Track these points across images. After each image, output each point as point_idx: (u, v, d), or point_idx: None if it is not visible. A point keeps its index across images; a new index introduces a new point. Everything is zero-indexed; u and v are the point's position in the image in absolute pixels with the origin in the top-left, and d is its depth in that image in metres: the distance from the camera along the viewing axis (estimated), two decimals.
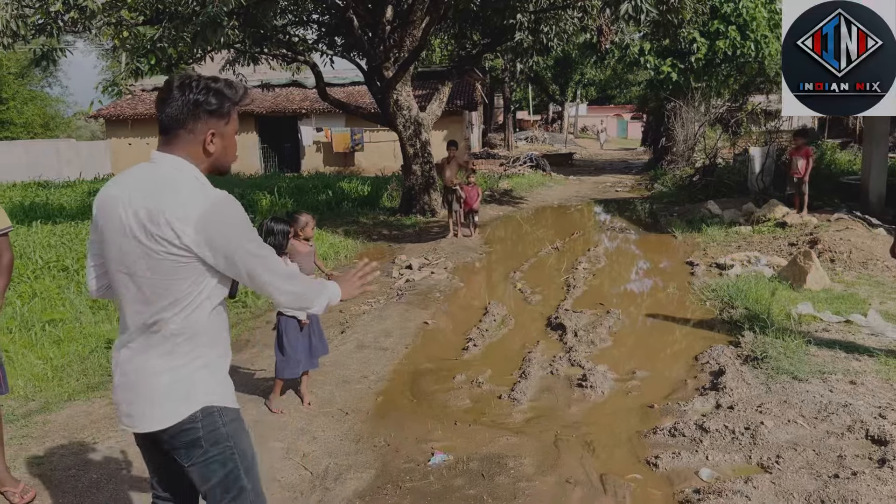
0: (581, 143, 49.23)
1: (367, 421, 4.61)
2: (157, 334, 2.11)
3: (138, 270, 2.08)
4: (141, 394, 2.14)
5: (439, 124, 25.91)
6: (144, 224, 2.04)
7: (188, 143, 2.15)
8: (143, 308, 2.11)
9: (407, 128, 13.99)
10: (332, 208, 15.45)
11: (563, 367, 5.46)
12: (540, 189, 19.52)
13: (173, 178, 2.09)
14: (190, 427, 2.13)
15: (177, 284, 2.08)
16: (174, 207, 2.02)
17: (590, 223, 13.63)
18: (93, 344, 6.39)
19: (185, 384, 2.14)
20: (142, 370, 2.14)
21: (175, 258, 2.05)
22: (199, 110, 2.13)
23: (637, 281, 8.82)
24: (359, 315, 7.24)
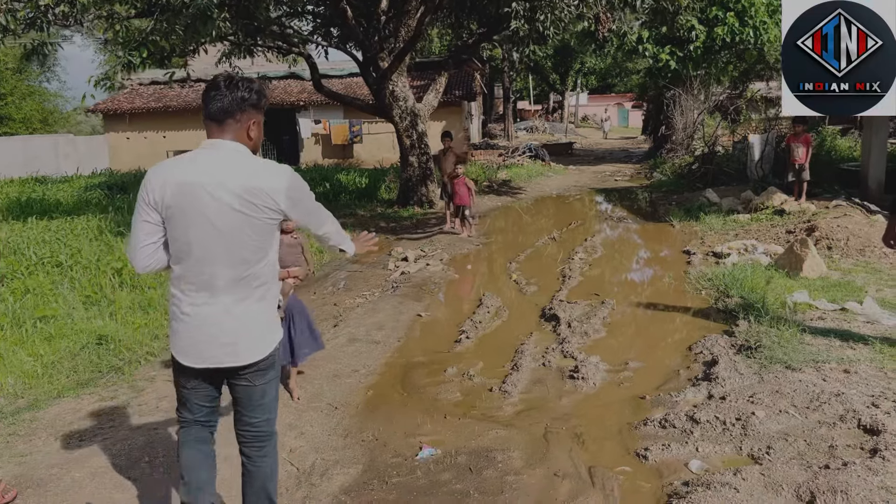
0: (582, 132, 49.09)
1: (356, 415, 4.57)
2: (248, 285, 2.66)
3: (240, 237, 2.61)
4: (243, 334, 2.67)
5: (438, 115, 25.82)
6: (246, 198, 2.57)
7: (236, 130, 2.70)
8: (241, 266, 2.63)
9: (403, 119, 13.92)
10: (330, 201, 15.38)
11: (555, 358, 5.42)
12: (539, 179, 19.44)
13: (246, 158, 2.67)
14: (272, 353, 2.77)
15: (268, 241, 2.69)
16: (268, 181, 2.61)
17: (588, 213, 13.56)
18: (84, 340, 6.35)
19: (272, 321, 2.78)
20: (244, 315, 2.67)
21: (271, 220, 2.65)
22: (245, 104, 2.71)
23: (633, 271, 8.77)
24: (353, 308, 7.20)
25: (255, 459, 2.90)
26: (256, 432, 2.88)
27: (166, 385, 5.31)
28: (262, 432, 2.89)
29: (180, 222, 2.61)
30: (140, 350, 6.22)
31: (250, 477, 2.91)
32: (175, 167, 2.66)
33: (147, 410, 4.75)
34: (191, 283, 2.66)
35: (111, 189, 16.21)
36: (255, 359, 2.72)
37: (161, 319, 7.01)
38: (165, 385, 5.31)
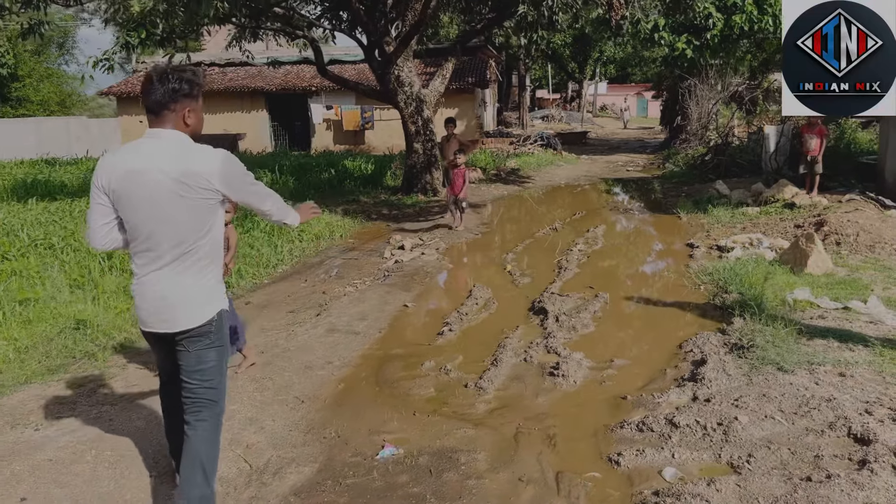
0: (599, 121, 48.55)
1: (322, 410, 4.38)
2: (190, 259, 2.90)
3: (180, 217, 2.84)
4: (179, 304, 2.91)
5: (450, 102, 25.57)
6: (183, 181, 2.79)
7: (173, 119, 2.89)
8: (181, 243, 2.87)
9: (408, 105, 13.68)
10: (335, 187, 15.22)
11: (538, 354, 5.20)
12: (549, 168, 19.14)
13: (183, 145, 2.87)
14: (208, 324, 2.95)
15: (208, 220, 2.90)
16: (202, 165, 2.82)
17: (594, 203, 13.27)
18: (62, 324, 6.22)
19: (211, 294, 2.98)
20: (181, 287, 2.91)
21: (209, 200, 2.86)
22: (178, 95, 2.87)
23: (632, 263, 8.50)
24: (339, 297, 7.01)
25: (192, 423, 3.03)
26: (194, 397, 3.02)
27: (137, 372, 5.17)
28: (200, 398, 3.02)
29: (127, 206, 2.87)
30: (118, 336, 6.07)
31: (187, 443, 3.03)
32: (121, 155, 2.92)
33: (110, 399, 4.60)
34: (142, 258, 2.94)
35: None
36: (188, 326, 2.94)
37: None
38: (137, 373, 5.17)
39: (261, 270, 8.44)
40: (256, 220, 10.34)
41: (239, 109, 26.68)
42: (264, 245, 9.27)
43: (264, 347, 5.50)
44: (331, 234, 10.77)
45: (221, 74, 27.53)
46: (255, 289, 7.81)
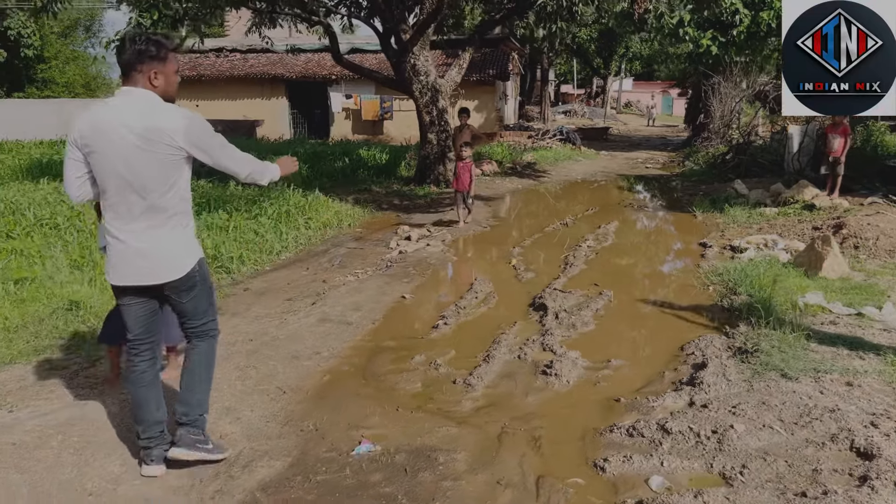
0: (623, 118, 48.05)
1: (303, 401, 4.24)
2: (160, 214, 3.07)
3: (144, 170, 3.02)
4: (159, 257, 3.11)
5: (470, 93, 25.35)
6: (147, 136, 2.99)
7: (141, 79, 3.07)
8: (148, 197, 3.04)
9: (423, 94, 13.51)
10: (348, 175, 15.10)
11: (532, 351, 5.02)
12: (566, 163, 18.88)
13: (150, 103, 3.06)
14: (191, 273, 3.20)
15: (172, 175, 3.08)
16: (167, 122, 3.02)
17: (608, 199, 13.02)
18: (55, 304, 6.15)
19: (186, 245, 3.21)
20: (157, 241, 3.11)
21: (173, 156, 3.04)
22: (144, 56, 3.06)
23: (641, 262, 8.27)
24: (337, 287, 6.88)
25: (195, 343, 3.42)
26: (195, 331, 3.40)
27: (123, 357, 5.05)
28: (200, 331, 3.40)
29: (96, 159, 3.06)
30: None
31: (188, 358, 3.43)
32: (93, 112, 3.10)
33: (89, 383, 4.49)
34: (114, 211, 3.10)
35: None
36: (172, 278, 3.17)
37: None
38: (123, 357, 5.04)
39: (263, 257, 8.33)
40: (264, 207, 10.25)
41: (259, 96, 26.65)
42: (269, 231, 9.15)
43: (254, 335, 5.38)
44: (339, 223, 10.64)
45: (243, 60, 27.50)
46: (256, 275, 7.70)
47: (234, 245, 8.30)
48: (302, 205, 10.79)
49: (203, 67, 27.15)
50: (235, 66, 27.07)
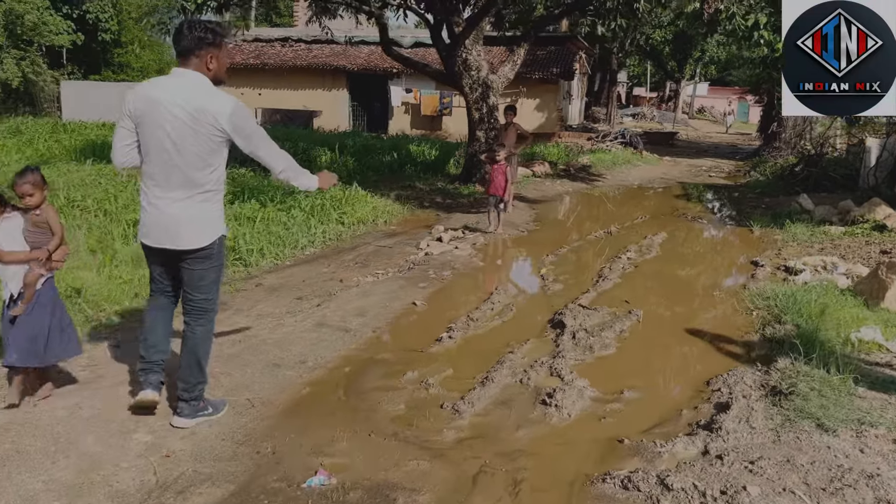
0: (695, 123, 46.45)
1: (270, 418, 3.87)
2: (194, 188, 3.40)
3: (187, 147, 3.34)
4: (185, 226, 3.44)
5: (532, 92, 24.76)
6: (196, 116, 3.30)
7: (197, 64, 3.40)
8: (191, 173, 3.37)
9: (474, 90, 13.04)
10: (395, 171, 14.76)
11: (538, 375, 4.53)
12: (623, 167, 18.12)
13: (202, 85, 3.38)
14: (209, 246, 3.50)
15: (213, 155, 3.40)
16: (214, 105, 3.33)
17: (661, 208, 12.30)
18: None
19: (213, 221, 3.51)
20: (187, 212, 3.43)
21: (216, 137, 3.35)
22: (203, 43, 3.39)
23: (681, 279, 7.63)
24: (349, 288, 6.51)
25: (192, 326, 3.64)
26: (195, 306, 3.62)
27: (104, 354, 4.76)
28: (199, 307, 3.62)
29: (145, 130, 3.38)
30: (108, 308, 5.76)
31: (185, 340, 3.66)
32: (148, 87, 3.46)
33: (55, 380, 4.21)
34: (153, 179, 3.44)
35: None
36: (193, 246, 3.48)
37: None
38: (103, 354, 4.76)
39: (286, 251, 8.03)
40: (298, 199, 9.99)
41: (320, 87, 26.63)
42: (298, 225, 8.86)
43: (243, 337, 5.05)
44: (374, 219, 10.30)
45: (307, 51, 27.53)
46: (274, 270, 7.41)
47: (257, 237, 8.03)
48: (339, 199, 10.47)
49: (267, 56, 27.30)
50: (299, 56, 27.12)
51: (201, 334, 3.64)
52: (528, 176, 14.80)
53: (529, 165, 15.51)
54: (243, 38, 29.10)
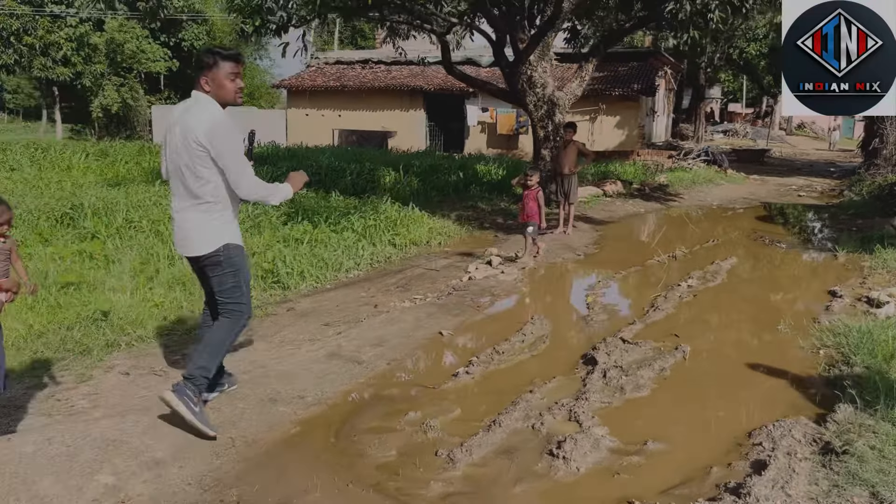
0: (792, 140, 44.17)
1: (248, 460, 3.58)
2: (195, 199, 3.72)
3: (181, 161, 3.69)
4: (189, 234, 3.81)
5: (612, 109, 24.11)
6: (184, 131, 3.65)
7: (198, 86, 3.75)
8: (189, 185, 3.71)
9: (538, 107, 12.64)
10: (460, 191, 14.47)
11: (554, 420, 4.08)
12: (704, 186, 17.19)
13: (196, 105, 3.71)
14: (215, 254, 3.77)
15: (202, 168, 3.66)
16: (195, 121, 3.64)
17: (737, 230, 11.48)
18: (85, 314, 5.92)
19: (215, 230, 3.77)
20: (189, 221, 3.79)
21: (198, 151, 3.62)
22: (199, 65, 3.80)
23: (745, 309, 6.95)
24: (378, 314, 6.21)
25: (218, 318, 3.95)
26: (222, 308, 3.91)
27: (111, 381, 4.62)
28: (224, 308, 3.91)
29: (164, 146, 3.88)
30: (133, 332, 5.66)
31: (206, 331, 4.07)
32: (172, 108, 4.02)
33: (50, 410, 4.08)
34: (171, 191, 3.87)
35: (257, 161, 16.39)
36: (197, 253, 3.83)
37: (189, 296, 6.47)
38: (110, 381, 4.62)
39: (327, 274, 7.83)
40: (352, 220, 9.84)
41: (398, 107, 26.78)
42: (342, 247, 8.67)
43: (247, 367, 4.80)
44: (428, 241, 10.02)
45: (386, 72, 27.79)
46: (312, 293, 7.21)
47: (299, 259, 7.88)
48: (394, 219, 10.26)
49: (347, 78, 27.70)
50: (378, 78, 27.40)
51: (221, 326, 3.91)
52: (597, 195, 14.21)
53: (600, 185, 14.91)
54: (325, 60, 29.73)
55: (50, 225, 9.15)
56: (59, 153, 17.76)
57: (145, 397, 4.31)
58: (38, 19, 30.04)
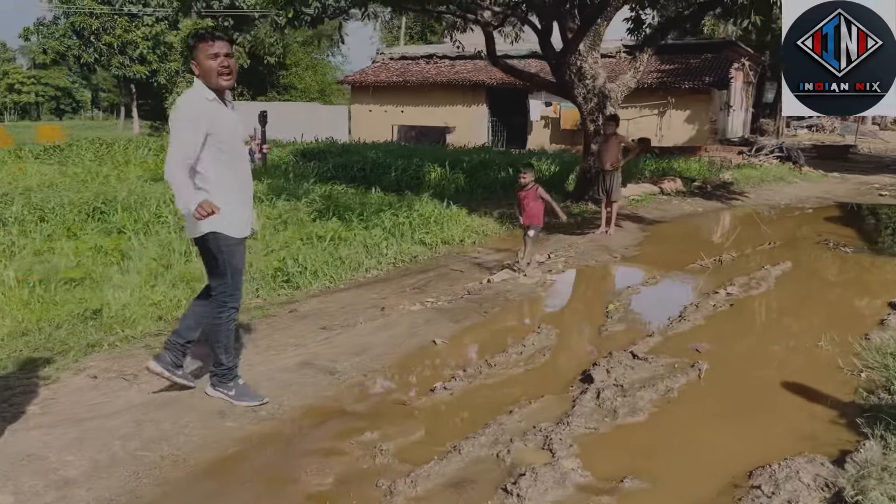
0: (886, 135, 41.42)
1: (167, 483, 3.25)
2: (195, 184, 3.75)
3: None
4: (188, 217, 3.79)
5: (681, 103, 23.06)
6: None
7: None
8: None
9: (588, 100, 11.99)
10: (507, 187, 13.93)
11: (525, 447, 3.60)
12: (774, 185, 16.08)
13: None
14: (203, 238, 3.87)
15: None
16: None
17: (801, 232, 10.57)
18: (76, 312, 5.78)
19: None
20: None
21: None
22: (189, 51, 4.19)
23: (785, 322, 6.24)
24: (375, 318, 5.84)
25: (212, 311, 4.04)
26: (211, 293, 4.02)
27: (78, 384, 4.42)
28: (213, 293, 4.00)
29: None
30: (121, 332, 5.46)
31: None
32: None
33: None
34: None
35: (304, 156, 16.35)
36: (190, 236, 4.04)
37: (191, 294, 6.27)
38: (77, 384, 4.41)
39: (342, 273, 7.51)
40: (383, 218, 9.52)
41: (460, 102, 26.40)
42: (371, 245, 8.35)
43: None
44: (462, 240, 9.60)
45: (450, 67, 27.45)
46: (322, 294, 6.90)
47: (314, 257, 7.59)
48: (427, 217, 9.88)
49: (411, 73, 27.50)
50: (441, 73, 27.08)
51: (213, 321, 3.99)
52: (654, 193, 13.45)
53: (658, 182, 14.12)
54: (390, 56, 29.62)
55: (81, 219, 9.17)
56: (122, 149, 18.17)
57: (97, 405, 4.06)
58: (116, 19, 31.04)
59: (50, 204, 9.37)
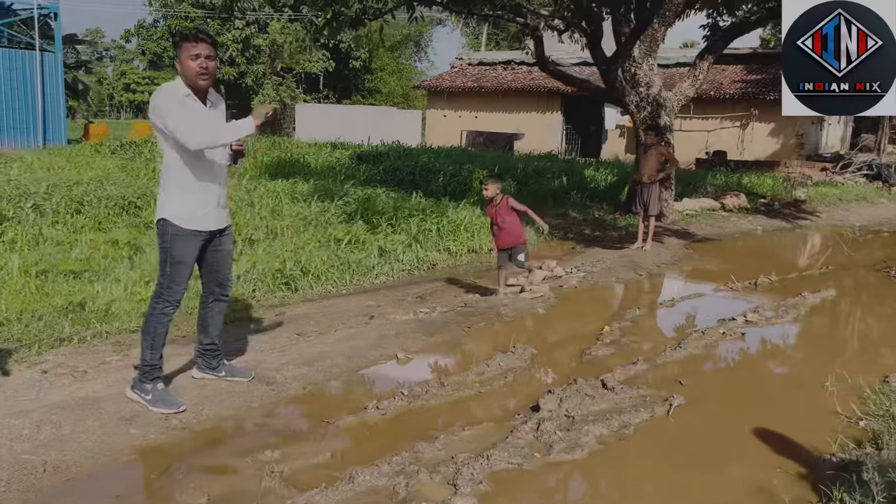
0: None
1: (38, 492, 3.09)
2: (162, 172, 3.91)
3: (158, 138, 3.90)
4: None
5: (766, 114, 21.86)
6: None
7: None
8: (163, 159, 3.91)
9: (641, 109, 11.42)
10: (558, 198, 13.49)
11: (430, 480, 3.27)
12: (852, 204, 14.91)
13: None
14: (157, 224, 3.91)
15: (163, 144, 3.80)
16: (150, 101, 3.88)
17: (863, 258, 9.66)
18: (63, 303, 5.82)
19: (161, 202, 3.90)
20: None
21: (155, 126, 3.81)
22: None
23: (798, 356, 5.61)
24: (351, 327, 5.61)
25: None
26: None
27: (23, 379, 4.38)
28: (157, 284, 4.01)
29: None
30: (98, 327, 5.46)
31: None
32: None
33: None
34: None
35: (360, 158, 16.34)
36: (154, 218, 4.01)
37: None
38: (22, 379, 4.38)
39: (348, 278, 7.34)
40: (410, 223, 9.31)
41: (534, 110, 25.96)
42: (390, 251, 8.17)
43: None
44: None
45: (526, 73, 27.02)
46: (319, 298, 6.76)
47: (320, 260, 7.45)
48: (460, 224, 9.60)
49: (486, 79, 27.25)
50: (517, 79, 26.71)
51: (147, 312, 3.99)
52: (712, 209, 12.69)
53: (720, 197, 13.33)
54: (468, 61, 29.49)
55: (114, 213, 9.37)
56: None
57: (20, 401, 3.97)
58: (209, 22, 32.21)
59: (88, 197, 9.61)
